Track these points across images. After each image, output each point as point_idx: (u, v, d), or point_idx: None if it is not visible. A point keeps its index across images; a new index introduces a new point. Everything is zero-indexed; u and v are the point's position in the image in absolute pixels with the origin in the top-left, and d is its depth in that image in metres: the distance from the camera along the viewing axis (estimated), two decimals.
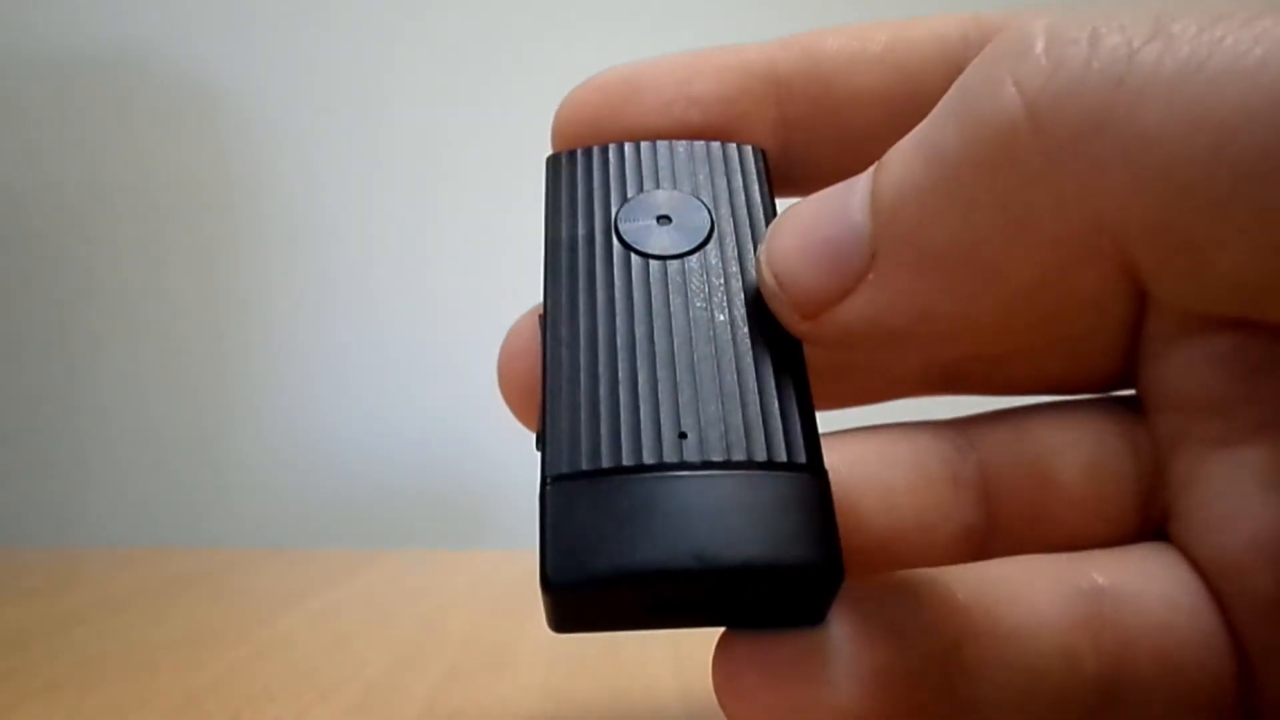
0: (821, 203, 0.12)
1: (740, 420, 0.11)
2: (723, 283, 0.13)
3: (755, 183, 0.14)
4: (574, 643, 0.25)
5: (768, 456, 0.11)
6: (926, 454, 0.15)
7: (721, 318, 0.12)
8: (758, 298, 0.13)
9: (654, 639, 0.24)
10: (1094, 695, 0.13)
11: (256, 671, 0.22)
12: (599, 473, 0.11)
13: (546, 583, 0.10)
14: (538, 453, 0.12)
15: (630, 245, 0.13)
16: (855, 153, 0.14)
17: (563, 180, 0.14)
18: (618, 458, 0.11)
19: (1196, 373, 0.14)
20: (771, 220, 0.13)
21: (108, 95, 0.51)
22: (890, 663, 0.12)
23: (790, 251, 0.12)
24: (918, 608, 0.13)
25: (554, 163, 0.15)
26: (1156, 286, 0.10)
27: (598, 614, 0.11)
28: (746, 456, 0.11)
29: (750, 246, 0.13)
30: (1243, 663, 0.13)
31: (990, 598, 0.13)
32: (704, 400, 0.11)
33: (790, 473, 0.11)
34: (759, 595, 0.11)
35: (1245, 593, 0.13)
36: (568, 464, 0.11)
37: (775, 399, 0.12)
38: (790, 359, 0.12)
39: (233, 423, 0.51)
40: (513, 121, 0.51)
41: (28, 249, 0.51)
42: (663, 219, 0.13)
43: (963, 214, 0.10)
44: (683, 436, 0.11)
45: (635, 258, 0.13)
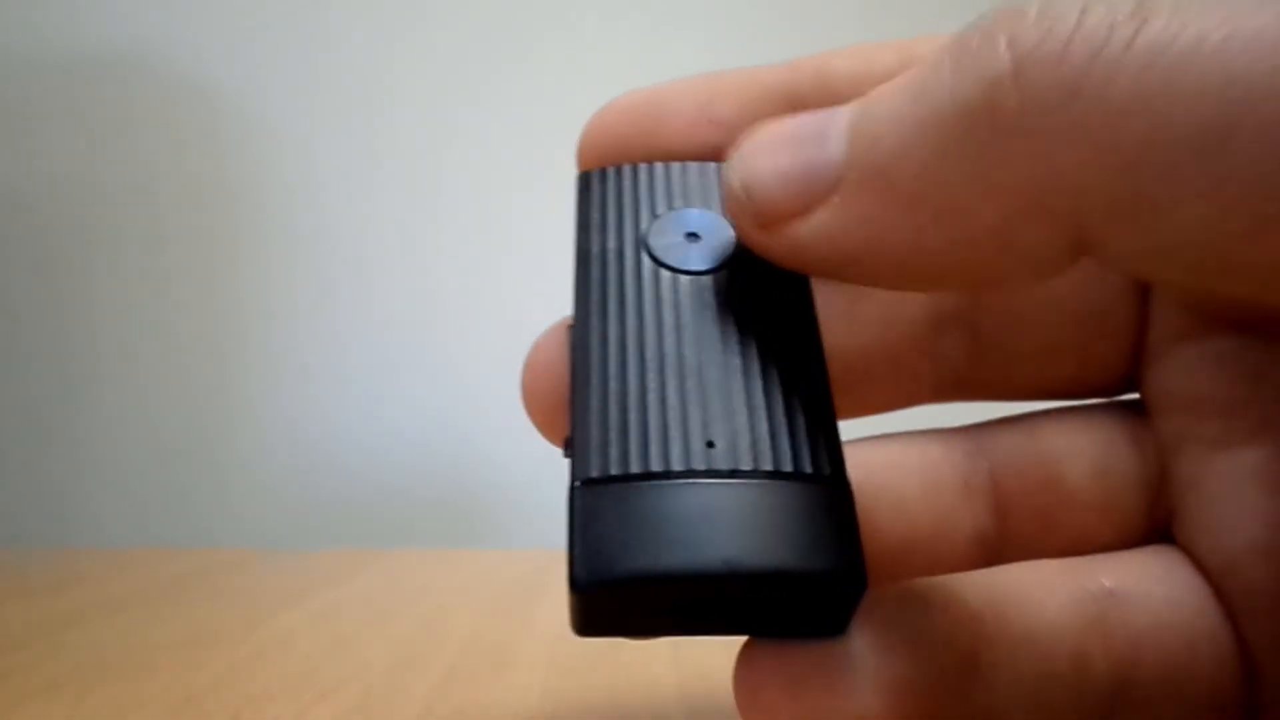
0: (800, 123, 0.12)
1: (767, 431, 0.11)
2: (749, 298, 0.13)
3: None
4: (574, 643, 0.25)
5: (794, 467, 0.11)
6: (937, 461, 0.15)
7: (747, 332, 0.13)
8: (783, 313, 0.13)
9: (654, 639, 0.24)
10: (1104, 698, 0.13)
11: (256, 671, 0.22)
12: (629, 477, 0.11)
13: (574, 582, 0.10)
14: (565, 458, 0.12)
15: (660, 260, 0.13)
16: None
17: (593, 196, 0.15)
18: (647, 463, 0.11)
19: (1197, 375, 0.14)
20: None
21: (108, 95, 0.51)
22: (911, 672, 0.12)
23: (762, 163, 0.12)
24: (934, 616, 0.13)
25: (585, 180, 0.15)
26: (1103, 250, 0.10)
27: (622, 617, 0.11)
28: (773, 466, 0.11)
29: (773, 265, 0.13)
30: (1247, 662, 0.13)
31: (1002, 604, 0.13)
32: (731, 411, 0.12)
33: (816, 484, 0.11)
34: (784, 603, 0.11)
35: (1248, 592, 0.13)
36: (598, 468, 0.11)
37: (800, 411, 0.12)
38: (814, 373, 0.12)
39: (233, 423, 0.51)
40: (513, 122, 0.51)
41: (28, 249, 0.51)
42: (691, 236, 0.14)
43: (937, 154, 0.10)
44: (710, 445, 0.11)
45: (665, 273, 0.13)
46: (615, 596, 0.11)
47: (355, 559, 0.38)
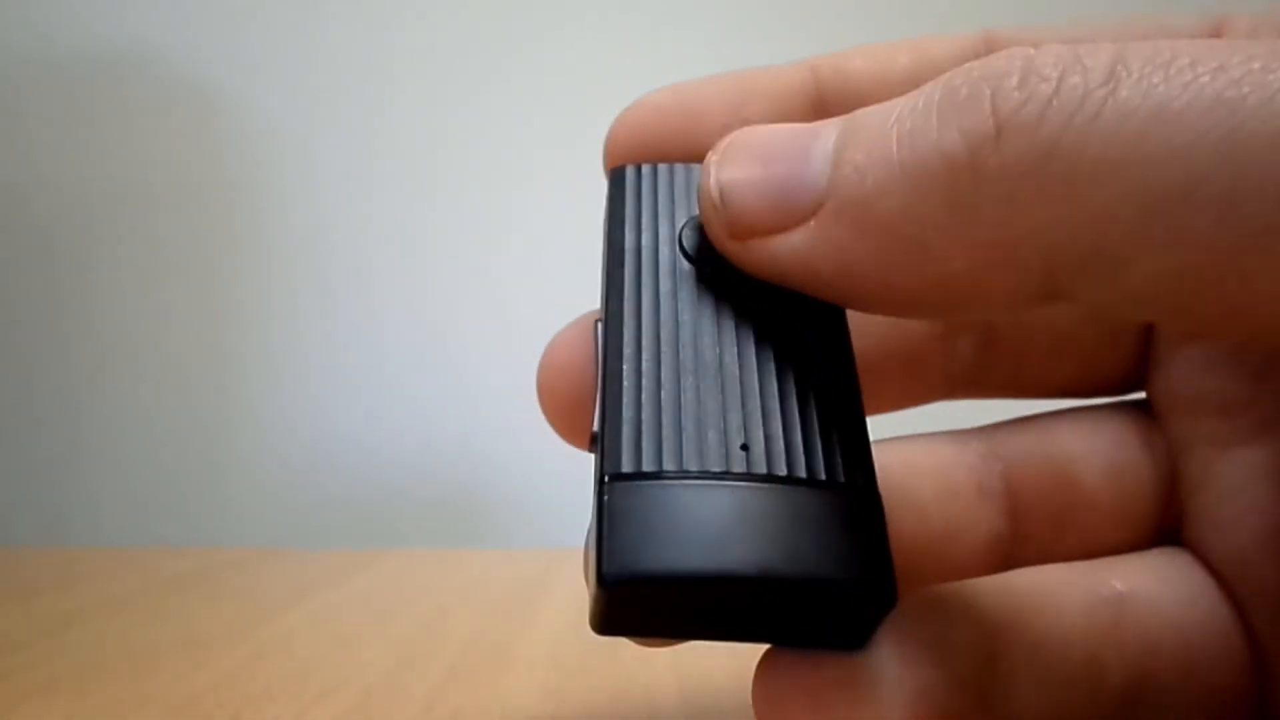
0: (783, 138, 0.12)
1: (800, 438, 0.11)
2: (781, 302, 0.13)
3: None
4: (574, 643, 0.25)
5: (827, 476, 0.11)
6: (952, 464, 0.15)
7: (781, 337, 0.13)
8: (815, 318, 0.13)
9: None
10: (1119, 700, 0.13)
11: (256, 671, 0.22)
12: (661, 475, 0.11)
13: (602, 578, 0.10)
14: (591, 453, 0.12)
15: (695, 260, 0.13)
16: None
17: (626, 192, 0.15)
18: (681, 462, 0.11)
19: (1202, 375, 0.15)
20: None
21: (107, 95, 0.51)
22: (933, 683, 0.12)
23: (742, 173, 0.12)
24: (954, 626, 0.13)
25: (619, 175, 0.15)
26: (1073, 297, 0.11)
27: (645, 616, 0.11)
28: (807, 474, 0.11)
29: None
30: (1258, 659, 0.13)
31: (1018, 610, 0.13)
32: (766, 415, 0.12)
33: (849, 494, 0.11)
34: (810, 613, 0.11)
35: (1256, 589, 0.14)
36: (630, 463, 0.11)
37: (833, 420, 0.12)
38: (846, 381, 0.12)
39: (233, 423, 0.51)
40: (513, 122, 0.51)
41: (27, 249, 0.51)
42: None
43: (917, 197, 0.11)
44: (745, 449, 0.11)
45: (698, 271, 0.13)
46: (642, 594, 0.10)
47: (355, 559, 0.38)
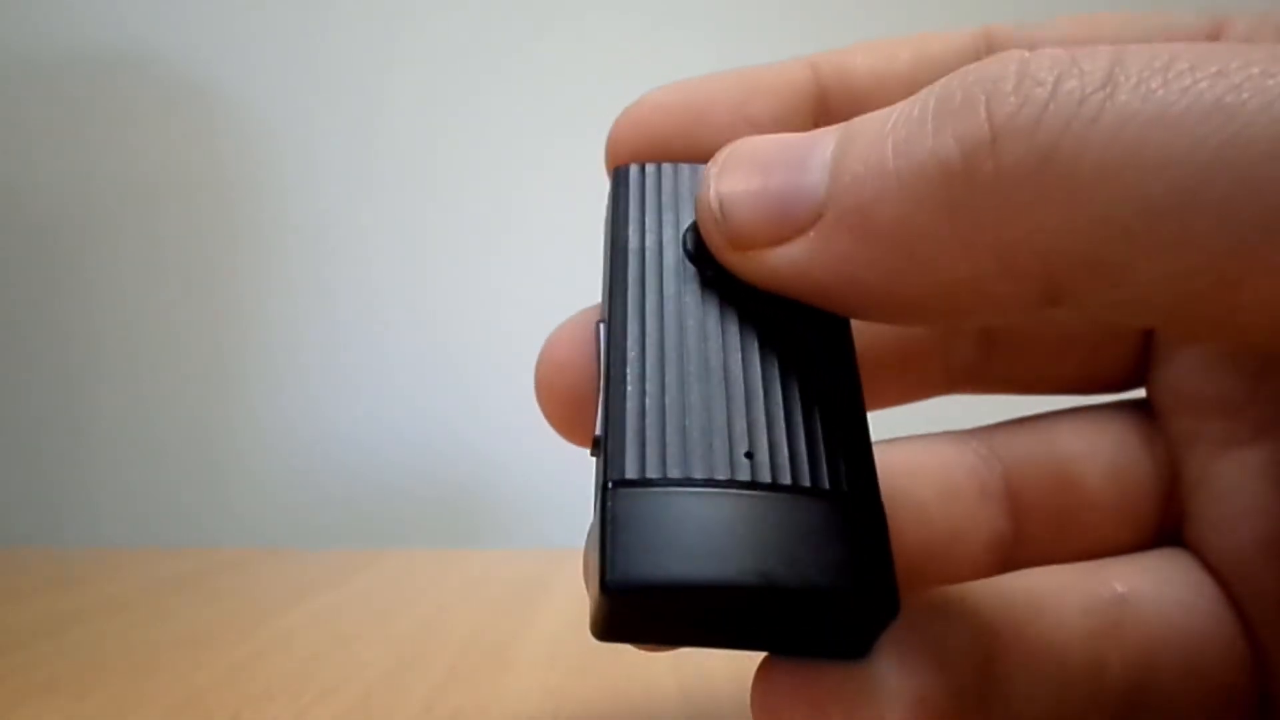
0: (782, 148, 0.12)
1: (804, 447, 0.11)
2: (785, 308, 0.13)
3: None
4: (574, 643, 0.25)
5: (831, 485, 0.11)
6: (953, 465, 0.15)
7: (784, 342, 0.12)
8: (818, 323, 0.13)
9: None
10: (1119, 701, 0.13)
11: (256, 671, 0.22)
12: (665, 482, 0.11)
13: (605, 584, 0.10)
14: (593, 456, 0.12)
15: (699, 262, 0.13)
16: None
17: (630, 192, 0.14)
18: (685, 469, 0.11)
19: (1201, 374, 0.15)
20: None
21: (107, 95, 0.51)
22: (933, 690, 0.12)
23: (740, 187, 0.12)
24: (953, 631, 0.13)
25: (622, 174, 0.15)
26: (1073, 303, 0.11)
27: (646, 623, 0.11)
28: (811, 483, 0.11)
29: None
30: (1258, 659, 0.13)
31: (1017, 613, 0.13)
32: (770, 422, 0.11)
33: (852, 504, 0.11)
34: (812, 622, 0.11)
35: (1256, 589, 0.14)
36: (634, 469, 0.11)
37: (836, 428, 0.12)
38: (849, 387, 0.12)
39: (233, 423, 0.51)
40: (513, 121, 0.51)
41: (27, 248, 0.51)
42: None
43: (915, 205, 0.11)
44: (749, 456, 0.11)
45: (702, 273, 0.13)
46: (645, 601, 0.10)
47: (355, 559, 0.38)
